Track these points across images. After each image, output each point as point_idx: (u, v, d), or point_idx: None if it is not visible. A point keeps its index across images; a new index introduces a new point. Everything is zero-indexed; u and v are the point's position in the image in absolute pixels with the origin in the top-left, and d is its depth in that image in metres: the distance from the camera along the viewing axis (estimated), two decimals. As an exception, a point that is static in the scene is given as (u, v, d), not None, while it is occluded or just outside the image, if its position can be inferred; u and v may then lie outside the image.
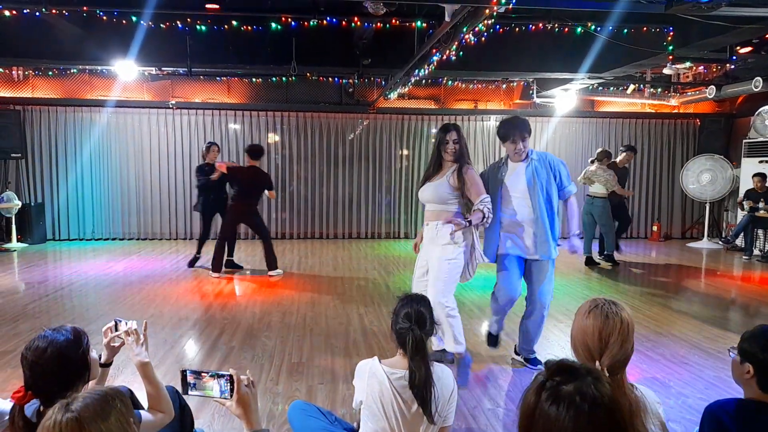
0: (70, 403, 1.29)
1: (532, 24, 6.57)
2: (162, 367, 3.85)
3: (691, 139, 10.86)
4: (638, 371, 3.92)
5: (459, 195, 3.62)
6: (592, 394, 1.13)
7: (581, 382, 1.15)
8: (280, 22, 6.41)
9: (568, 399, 1.13)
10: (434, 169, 3.72)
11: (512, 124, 3.70)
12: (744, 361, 1.78)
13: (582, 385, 1.14)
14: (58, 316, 5.11)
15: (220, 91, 10.07)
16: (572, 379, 1.16)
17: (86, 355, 1.89)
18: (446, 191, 3.61)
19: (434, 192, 3.66)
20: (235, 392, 1.59)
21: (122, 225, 9.87)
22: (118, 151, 9.77)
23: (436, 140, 3.72)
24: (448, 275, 3.56)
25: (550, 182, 3.70)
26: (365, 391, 2.26)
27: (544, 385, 1.18)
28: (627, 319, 1.74)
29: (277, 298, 5.83)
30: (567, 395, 1.13)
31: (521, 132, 3.66)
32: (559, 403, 1.13)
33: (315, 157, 10.23)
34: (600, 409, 1.13)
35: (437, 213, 3.66)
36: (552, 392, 1.15)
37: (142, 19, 6.39)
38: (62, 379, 1.77)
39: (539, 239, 3.67)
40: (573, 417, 1.11)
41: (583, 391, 1.13)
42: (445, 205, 3.64)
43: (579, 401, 1.12)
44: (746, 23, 4.74)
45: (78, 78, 9.53)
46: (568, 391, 1.14)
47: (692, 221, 10.92)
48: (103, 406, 1.30)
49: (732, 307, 5.96)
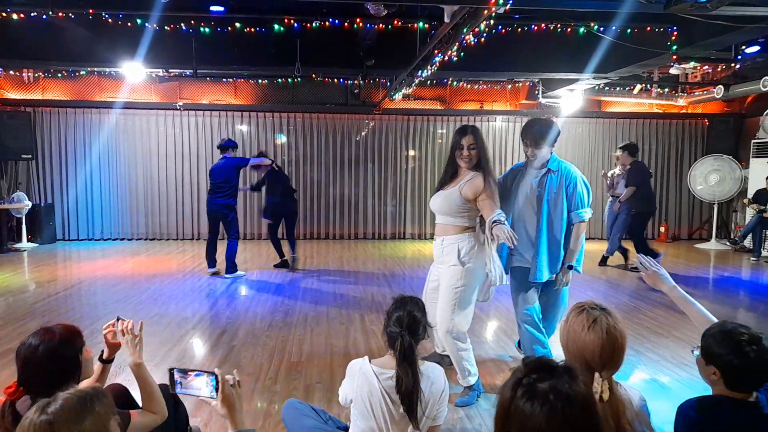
0: (47, 405, 1.32)
1: (534, 24, 6.56)
2: (163, 365, 3.90)
3: (700, 139, 10.77)
4: (637, 372, 3.91)
5: (472, 208, 3.21)
6: (566, 392, 1.15)
7: (557, 380, 1.17)
8: (283, 23, 6.46)
9: (543, 396, 1.15)
10: (449, 177, 3.32)
11: (527, 127, 3.44)
12: (709, 363, 1.78)
13: (557, 384, 1.16)
14: (64, 315, 5.18)
15: (227, 93, 10.15)
16: (548, 377, 1.18)
17: (78, 355, 1.92)
18: (457, 203, 3.21)
19: (444, 202, 3.28)
20: (220, 391, 1.61)
21: (130, 225, 9.98)
22: (127, 152, 9.89)
23: (451, 144, 3.30)
24: (457, 303, 3.20)
25: (561, 198, 3.37)
26: (355, 390, 2.28)
27: (520, 381, 1.20)
28: (623, 331, 1.73)
29: (281, 298, 5.88)
30: (542, 393, 1.15)
31: (533, 136, 3.36)
32: (533, 399, 1.15)
33: (321, 157, 10.28)
34: (574, 408, 1.14)
35: (444, 227, 3.31)
36: (527, 389, 1.17)
37: (147, 22, 6.47)
38: (53, 376, 1.80)
39: (540, 259, 3.40)
40: (547, 414, 1.13)
41: (557, 389, 1.15)
42: (454, 218, 3.25)
43: (553, 399, 1.14)
44: (749, 23, 4.71)
45: (87, 80, 9.65)
46: (543, 388, 1.16)
47: (700, 222, 10.83)
48: (79, 410, 1.32)
49: (737, 309, 5.91)
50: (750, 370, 1.70)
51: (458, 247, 3.21)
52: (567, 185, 3.38)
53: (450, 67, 6.92)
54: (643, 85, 9.44)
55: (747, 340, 1.72)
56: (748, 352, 1.69)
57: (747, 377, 1.72)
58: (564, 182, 3.38)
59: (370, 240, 10.36)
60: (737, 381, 1.74)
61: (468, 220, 3.25)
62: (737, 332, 1.75)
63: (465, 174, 3.24)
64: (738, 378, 1.73)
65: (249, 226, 10.19)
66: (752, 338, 1.72)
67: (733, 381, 1.74)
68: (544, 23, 6.47)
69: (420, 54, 6.06)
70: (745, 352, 1.70)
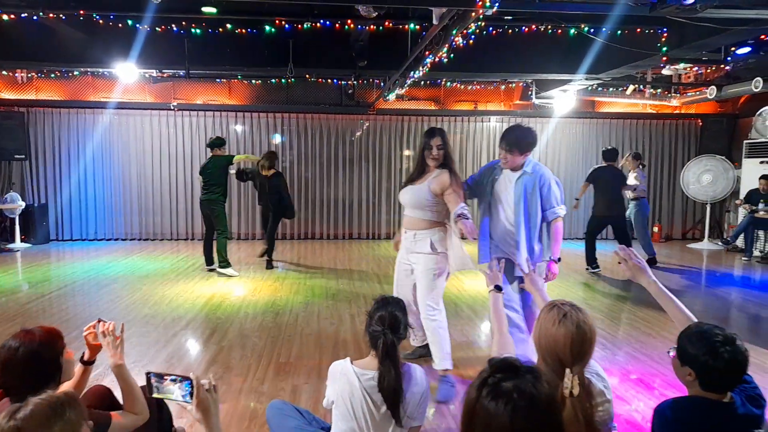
0: (17, 411, 1.32)
1: (525, 26, 6.58)
2: (151, 366, 3.90)
3: (693, 139, 10.81)
4: (623, 372, 3.93)
5: (439, 202, 3.52)
6: (529, 391, 1.18)
7: (521, 379, 1.20)
8: (274, 25, 6.48)
9: (507, 395, 1.17)
10: (417, 174, 3.66)
11: (507, 132, 3.56)
12: (684, 364, 1.80)
13: (521, 383, 1.19)
14: (56, 315, 5.19)
15: (221, 93, 10.16)
16: (513, 376, 1.21)
17: (59, 357, 1.93)
18: (425, 197, 3.53)
19: (413, 196, 3.60)
20: (195, 396, 1.62)
21: (124, 225, 9.98)
22: (121, 152, 9.89)
23: (421, 144, 3.62)
24: (436, 286, 3.57)
25: (537, 198, 3.53)
26: (336, 391, 2.30)
27: (486, 381, 1.22)
28: (592, 325, 1.77)
29: (272, 299, 5.89)
30: (506, 391, 1.18)
31: (509, 143, 3.47)
32: (498, 398, 1.18)
33: (315, 157, 10.30)
34: (537, 407, 1.17)
35: (415, 221, 3.61)
36: (492, 388, 1.20)
37: (139, 23, 6.47)
38: (32, 379, 1.81)
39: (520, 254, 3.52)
40: (510, 412, 1.16)
41: (521, 389, 1.18)
42: (423, 212, 3.57)
43: (517, 398, 1.16)
44: (737, 25, 4.74)
45: (81, 80, 9.65)
46: (508, 387, 1.18)
47: (693, 222, 10.87)
48: (49, 416, 1.33)
49: (728, 309, 5.94)
50: (724, 371, 1.72)
51: (430, 240, 3.54)
52: (541, 186, 3.53)
53: (443, 68, 6.95)
54: (636, 85, 9.47)
55: (721, 341, 1.74)
56: (722, 353, 1.72)
57: (721, 378, 1.74)
58: (539, 183, 3.53)
59: (364, 240, 10.38)
60: (712, 382, 1.76)
61: (437, 215, 3.57)
62: (712, 333, 1.77)
63: (432, 171, 3.57)
64: (712, 378, 1.75)
65: (243, 225, 10.20)
66: (726, 339, 1.74)
67: (707, 382, 1.76)
68: (534, 25, 6.49)
69: (411, 55, 6.08)
70: (719, 353, 1.72)
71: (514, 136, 3.49)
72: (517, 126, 3.63)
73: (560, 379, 1.67)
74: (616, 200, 7.45)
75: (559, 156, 10.62)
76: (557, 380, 1.68)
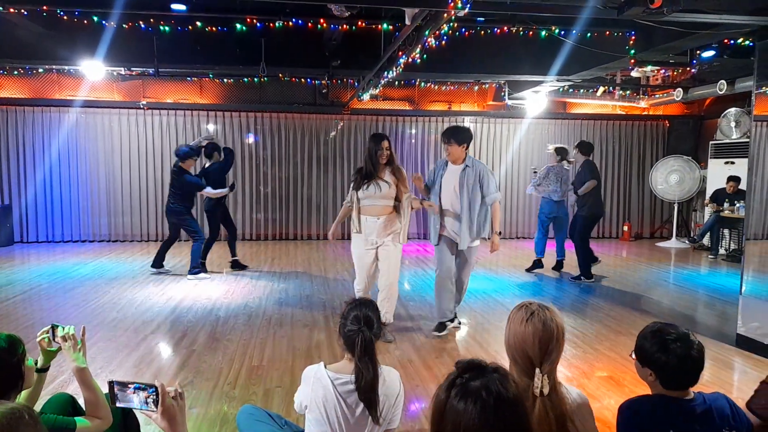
0: None
1: (497, 27, 6.63)
2: (119, 372, 3.82)
3: (661, 140, 11.06)
4: (593, 369, 3.99)
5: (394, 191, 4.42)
6: (497, 389, 1.20)
7: (487, 378, 1.22)
8: (245, 23, 6.39)
9: (475, 394, 1.19)
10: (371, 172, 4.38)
11: (445, 130, 4.58)
12: (644, 365, 1.84)
13: (488, 381, 1.21)
14: (20, 320, 5.03)
15: (193, 92, 9.99)
16: (479, 376, 1.23)
17: (21, 364, 1.87)
18: (391, 189, 4.39)
19: (381, 189, 4.37)
20: (160, 404, 1.58)
21: (92, 226, 9.74)
22: (88, 151, 9.64)
23: (371, 148, 4.39)
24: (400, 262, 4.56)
25: (477, 187, 4.48)
26: (309, 396, 2.27)
27: (454, 382, 1.24)
28: (561, 323, 1.78)
29: (244, 301, 5.81)
30: (474, 390, 1.20)
31: (446, 136, 4.50)
32: (466, 398, 1.20)
33: (289, 157, 10.21)
34: (504, 404, 1.19)
35: (384, 208, 4.40)
36: (461, 388, 1.22)
37: (105, 20, 6.31)
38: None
39: (462, 232, 4.48)
40: (479, 410, 1.18)
41: (488, 387, 1.20)
42: (388, 201, 4.40)
43: (485, 396, 1.19)
44: (702, 29, 4.86)
45: (45, 78, 9.38)
46: (475, 386, 1.21)
47: (662, 221, 11.12)
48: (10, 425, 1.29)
49: (694, 306, 6.09)
50: (678, 366, 1.76)
51: (397, 221, 4.43)
52: (480, 177, 4.50)
53: (417, 68, 6.96)
54: (606, 87, 9.64)
55: (673, 338, 1.79)
56: (674, 349, 1.76)
57: (677, 374, 1.78)
58: (478, 175, 4.49)
59: (339, 240, 10.32)
60: (671, 379, 1.80)
61: (394, 201, 4.45)
62: (664, 331, 1.82)
63: (385, 168, 4.41)
64: (670, 375, 1.79)
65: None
66: (678, 336, 1.79)
67: (667, 379, 1.80)
68: (506, 26, 6.55)
69: (385, 55, 6.06)
70: (671, 349, 1.77)
71: (450, 131, 4.53)
72: (454, 125, 4.71)
73: (531, 379, 1.69)
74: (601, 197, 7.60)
75: (531, 156, 10.74)
76: (528, 380, 1.69)
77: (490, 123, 10.63)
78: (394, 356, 4.18)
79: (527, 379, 1.70)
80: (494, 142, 10.71)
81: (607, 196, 10.88)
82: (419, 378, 3.77)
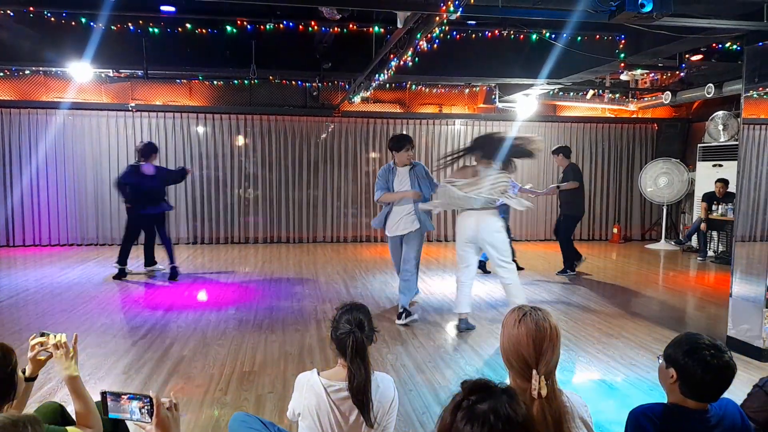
0: None
1: (488, 31, 6.64)
2: (108, 378, 3.77)
3: (650, 143, 11.15)
4: (586, 373, 4.00)
5: None
6: (505, 412, 1.15)
7: (495, 401, 1.17)
8: (235, 25, 6.35)
9: (483, 417, 1.14)
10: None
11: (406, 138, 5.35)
12: (669, 366, 1.83)
13: (496, 404, 1.16)
14: (7, 326, 4.95)
15: (182, 94, 9.91)
16: (487, 398, 1.18)
17: (14, 374, 1.84)
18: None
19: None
20: (155, 415, 1.55)
21: (80, 230, 9.62)
22: (76, 154, 9.53)
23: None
24: None
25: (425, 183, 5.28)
26: (302, 403, 2.25)
27: (460, 404, 1.19)
28: (555, 324, 1.77)
29: (235, 305, 5.76)
30: (481, 414, 1.15)
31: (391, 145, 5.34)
32: (473, 422, 1.14)
33: (280, 160, 10.16)
34: (514, 428, 1.14)
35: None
36: (467, 411, 1.16)
37: (93, 21, 6.24)
38: None
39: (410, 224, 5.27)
40: None
41: (497, 410, 1.15)
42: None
43: (493, 420, 1.13)
44: (690, 33, 4.89)
45: (32, 79, 9.26)
46: (483, 409, 1.15)
47: (650, 223, 11.20)
48: None
49: (684, 309, 6.13)
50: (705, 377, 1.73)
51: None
52: (424, 174, 5.33)
53: (408, 71, 6.95)
54: (595, 90, 9.70)
55: (706, 345, 1.76)
56: (705, 358, 1.74)
57: (701, 385, 1.75)
58: (422, 173, 5.32)
59: (330, 243, 10.30)
60: (693, 388, 1.77)
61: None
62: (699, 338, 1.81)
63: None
64: (694, 384, 1.76)
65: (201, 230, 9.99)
66: (712, 345, 1.77)
67: (689, 386, 1.77)
68: (498, 30, 6.57)
69: (376, 58, 6.05)
70: (703, 357, 1.74)
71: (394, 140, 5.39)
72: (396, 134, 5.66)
73: (528, 382, 1.68)
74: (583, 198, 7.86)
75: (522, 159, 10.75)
76: (525, 382, 1.68)
77: (480, 125, 10.65)
78: (387, 361, 4.16)
79: (524, 382, 1.69)
80: (485, 144, 10.72)
81: (597, 199, 10.95)
82: (413, 383, 3.76)
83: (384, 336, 4.64)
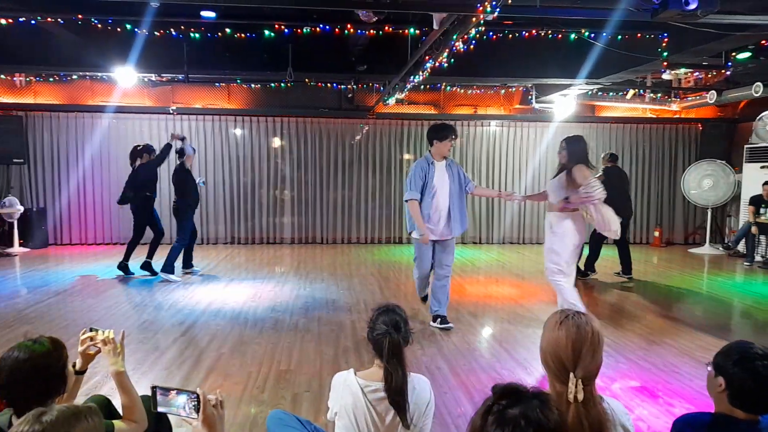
0: (42, 415, 1.31)
1: (525, 31, 6.56)
2: (150, 374, 3.87)
3: (693, 144, 10.80)
4: (626, 380, 3.90)
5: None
6: (536, 418, 1.14)
7: (526, 405, 1.16)
8: (273, 29, 6.45)
9: (513, 422, 1.13)
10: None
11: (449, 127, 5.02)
12: (717, 374, 1.77)
13: (527, 409, 1.15)
14: (54, 321, 5.15)
15: (221, 97, 10.13)
16: (518, 402, 1.17)
17: (65, 368, 1.90)
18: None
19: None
20: (201, 411, 1.59)
21: (123, 230, 9.91)
22: (119, 156, 9.82)
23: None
24: None
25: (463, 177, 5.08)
26: (339, 403, 2.27)
27: (490, 408, 1.18)
28: (597, 329, 1.74)
29: (272, 304, 5.85)
30: (512, 419, 1.14)
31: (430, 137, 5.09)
32: (504, 426, 1.13)
33: (314, 161, 10.27)
34: None
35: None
36: (498, 416, 1.16)
37: (137, 27, 6.45)
38: (38, 390, 1.77)
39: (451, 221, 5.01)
40: None
41: (528, 415, 1.14)
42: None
43: (524, 425, 1.13)
44: (737, 30, 4.73)
45: (79, 84, 9.62)
46: (514, 414, 1.14)
47: (694, 227, 10.85)
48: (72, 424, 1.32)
49: (729, 315, 5.92)
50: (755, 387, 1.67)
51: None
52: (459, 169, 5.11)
53: (443, 72, 6.93)
54: (636, 90, 9.46)
55: (760, 355, 1.71)
56: (757, 368, 1.68)
57: (751, 395, 1.69)
58: (460, 169, 5.13)
59: (364, 244, 10.34)
60: (742, 398, 1.71)
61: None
62: (751, 346, 1.75)
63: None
64: (743, 394, 1.70)
65: (238, 230, 10.17)
66: (766, 356, 1.71)
67: (738, 396, 1.71)
68: (535, 29, 6.48)
69: (411, 60, 6.06)
70: (754, 367, 1.68)
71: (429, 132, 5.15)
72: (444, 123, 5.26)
73: (565, 385, 1.65)
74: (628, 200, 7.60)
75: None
76: (562, 386, 1.66)
77: (516, 127, 10.53)
78: (422, 363, 4.16)
79: (561, 385, 1.66)
80: (520, 146, 10.60)
81: (638, 201, 10.66)
82: (447, 386, 3.74)
83: (418, 338, 4.63)
